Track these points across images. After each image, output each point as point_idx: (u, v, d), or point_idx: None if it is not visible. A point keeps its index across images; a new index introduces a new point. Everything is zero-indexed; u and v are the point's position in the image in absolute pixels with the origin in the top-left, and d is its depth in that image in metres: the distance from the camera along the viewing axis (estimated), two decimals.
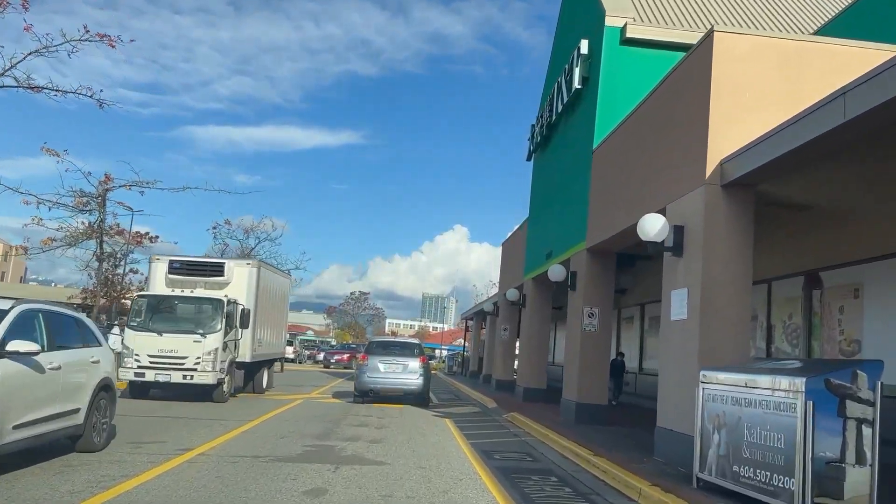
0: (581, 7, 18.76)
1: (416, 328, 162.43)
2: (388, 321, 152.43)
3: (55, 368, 7.77)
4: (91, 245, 23.14)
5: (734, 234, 9.19)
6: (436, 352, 75.49)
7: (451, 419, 15.95)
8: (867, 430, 5.88)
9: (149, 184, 21.52)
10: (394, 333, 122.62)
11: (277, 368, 22.54)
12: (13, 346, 7.02)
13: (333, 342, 79.31)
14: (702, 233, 9.25)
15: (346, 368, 43.32)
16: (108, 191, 21.21)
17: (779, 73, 9.45)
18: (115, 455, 8.64)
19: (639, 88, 13.41)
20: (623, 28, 15.33)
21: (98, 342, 9.26)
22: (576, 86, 16.73)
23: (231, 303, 16.80)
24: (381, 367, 18.89)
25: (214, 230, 39.81)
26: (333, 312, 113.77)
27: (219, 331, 16.11)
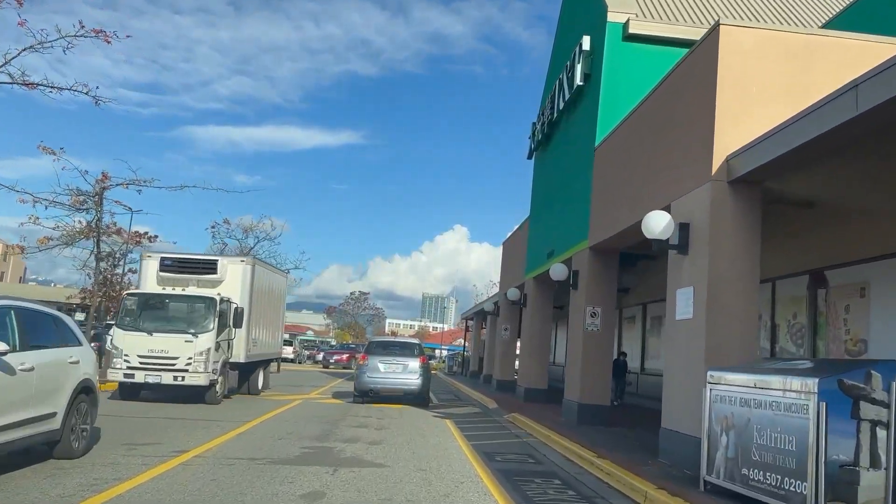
0: (583, 3, 18.57)
1: (416, 328, 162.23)
2: (388, 321, 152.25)
3: (28, 370, 7.27)
4: (89, 244, 22.98)
5: (741, 231, 9.01)
6: (436, 352, 75.34)
7: (452, 420, 15.77)
8: (882, 433, 5.71)
9: (146, 182, 21.30)
10: (394, 333, 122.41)
11: (274, 369, 21.94)
12: None
13: (333, 342, 79.18)
14: (708, 230, 9.07)
15: (346, 368, 43.16)
16: (106, 189, 20.98)
17: (786, 68, 9.28)
18: (109, 457, 8.46)
19: (641, 85, 13.23)
20: (625, 24, 15.14)
21: (78, 341, 8.73)
22: (577, 83, 16.56)
23: (224, 301, 16.34)
24: (381, 367, 18.77)
25: (213, 229, 39.57)
26: (333, 312, 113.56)
27: (211, 330, 15.67)
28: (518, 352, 26.03)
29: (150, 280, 17.27)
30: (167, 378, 15.26)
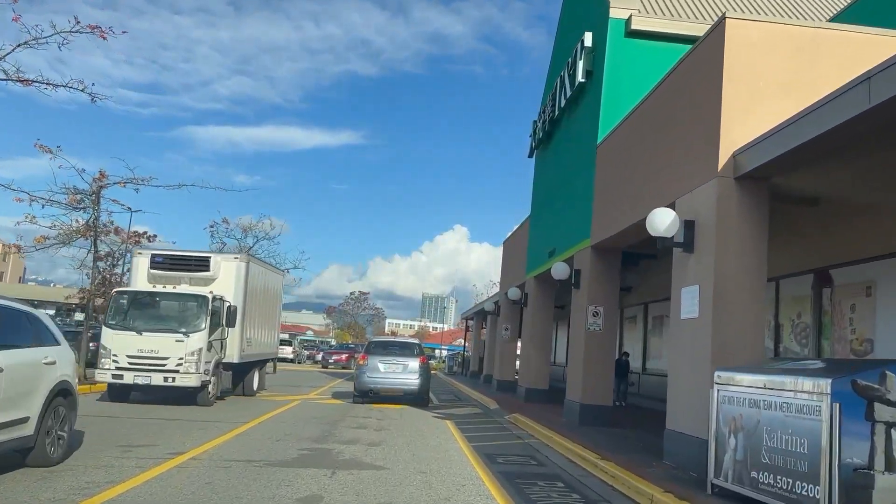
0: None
1: (416, 328, 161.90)
2: (388, 321, 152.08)
3: None
4: (87, 244, 22.73)
5: (748, 228, 8.83)
6: (436, 352, 75.18)
7: (452, 420, 15.59)
8: None
9: (144, 181, 20.99)
10: (394, 333, 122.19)
11: (270, 370, 21.37)
12: None
13: (333, 342, 79.04)
14: (714, 227, 8.90)
15: (345, 368, 43.01)
16: (103, 188, 20.71)
17: (793, 61, 9.10)
18: (102, 459, 8.27)
19: (644, 81, 13.06)
20: (628, 20, 14.96)
21: (55, 340, 8.20)
22: (579, 80, 16.39)
23: (217, 299, 15.86)
24: (381, 367, 18.64)
25: (212, 229, 39.35)
26: (333, 312, 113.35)
27: (203, 329, 15.20)
28: (519, 352, 25.86)
29: (141, 278, 16.78)
30: (157, 379, 14.77)
